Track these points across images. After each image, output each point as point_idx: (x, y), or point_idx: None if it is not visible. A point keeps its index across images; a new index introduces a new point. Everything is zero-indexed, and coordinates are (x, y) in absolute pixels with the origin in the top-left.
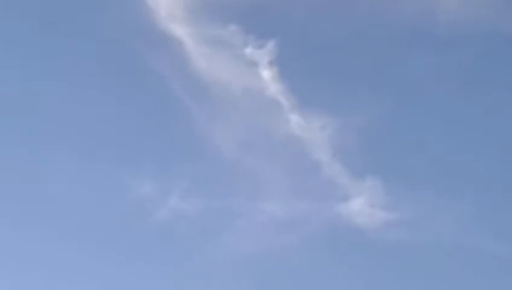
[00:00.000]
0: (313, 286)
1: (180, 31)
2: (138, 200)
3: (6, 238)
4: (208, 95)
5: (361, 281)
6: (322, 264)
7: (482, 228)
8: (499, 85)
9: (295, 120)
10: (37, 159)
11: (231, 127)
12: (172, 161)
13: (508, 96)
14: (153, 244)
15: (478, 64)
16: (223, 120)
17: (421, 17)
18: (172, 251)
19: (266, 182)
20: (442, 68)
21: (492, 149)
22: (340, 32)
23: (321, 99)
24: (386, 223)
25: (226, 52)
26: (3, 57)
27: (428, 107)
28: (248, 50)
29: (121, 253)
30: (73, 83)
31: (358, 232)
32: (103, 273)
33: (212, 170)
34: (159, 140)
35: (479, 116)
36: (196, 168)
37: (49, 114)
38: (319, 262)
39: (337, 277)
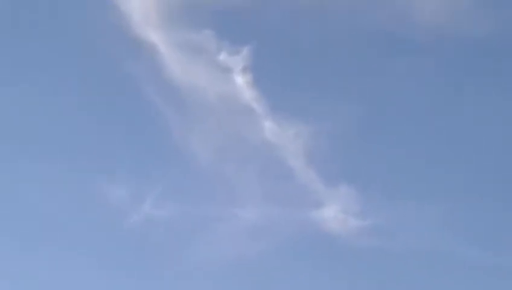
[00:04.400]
0: None
1: (154, 36)
2: (113, 205)
3: None
4: (182, 100)
5: (334, 287)
6: (295, 271)
7: (455, 235)
8: (473, 90)
9: (269, 127)
10: (12, 165)
11: (205, 133)
12: (146, 167)
13: (482, 101)
14: (127, 250)
15: (453, 69)
16: (197, 126)
17: (396, 23)
18: (146, 256)
19: (240, 188)
20: (417, 74)
21: (466, 156)
22: (315, 39)
23: (295, 106)
24: (359, 230)
25: (200, 57)
26: None
27: (402, 114)
28: (222, 56)
29: (95, 258)
30: (47, 89)
31: (332, 239)
32: (77, 279)
33: (186, 176)
34: (133, 146)
35: (452, 122)
36: (170, 174)
37: (23, 121)
38: (292, 268)
39: (310, 284)
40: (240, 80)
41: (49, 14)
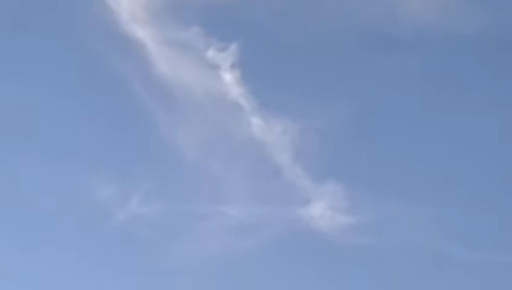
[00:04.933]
0: None
1: (142, 33)
2: (98, 203)
3: None
4: (169, 97)
5: (322, 285)
6: (282, 268)
7: (443, 233)
8: (463, 88)
9: (257, 123)
10: None
11: (192, 130)
12: (132, 164)
13: (471, 99)
14: (113, 248)
15: (441, 67)
16: (184, 123)
17: (384, 20)
18: (132, 254)
19: (227, 185)
20: (405, 71)
21: (454, 153)
22: (303, 36)
23: (283, 103)
24: (346, 227)
25: (188, 54)
26: None
27: (390, 111)
28: (210, 53)
29: (80, 256)
30: (33, 85)
31: (319, 236)
32: (62, 277)
33: (173, 173)
34: (119, 143)
35: (441, 119)
36: (157, 171)
37: (8, 116)
38: (280, 266)
39: (298, 281)
40: (228, 77)
41: (36, 10)
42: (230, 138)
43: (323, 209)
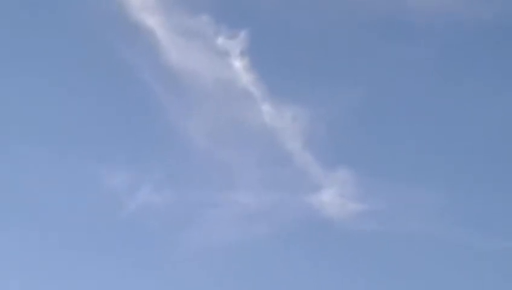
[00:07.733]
0: (284, 277)
1: (152, 20)
2: (109, 192)
3: None
4: (179, 85)
5: (332, 272)
6: (293, 255)
7: (453, 220)
8: (470, 75)
9: (267, 110)
10: (7, 152)
11: (202, 117)
12: (143, 153)
13: (478, 87)
14: (124, 237)
15: (449, 54)
16: (194, 111)
17: (395, 8)
18: (143, 243)
19: (238, 173)
20: (414, 58)
21: (464, 140)
22: (312, 23)
23: (293, 90)
24: (357, 214)
25: (197, 42)
26: None
27: (400, 98)
28: (220, 40)
29: (92, 245)
30: (43, 75)
31: (329, 223)
32: (73, 266)
33: (183, 162)
34: (130, 131)
35: (450, 106)
36: (167, 159)
37: (19, 107)
38: (290, 253)
39: (308, 268)
40: (238, 64)
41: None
42: (241, 125)
43: (333, 196)
